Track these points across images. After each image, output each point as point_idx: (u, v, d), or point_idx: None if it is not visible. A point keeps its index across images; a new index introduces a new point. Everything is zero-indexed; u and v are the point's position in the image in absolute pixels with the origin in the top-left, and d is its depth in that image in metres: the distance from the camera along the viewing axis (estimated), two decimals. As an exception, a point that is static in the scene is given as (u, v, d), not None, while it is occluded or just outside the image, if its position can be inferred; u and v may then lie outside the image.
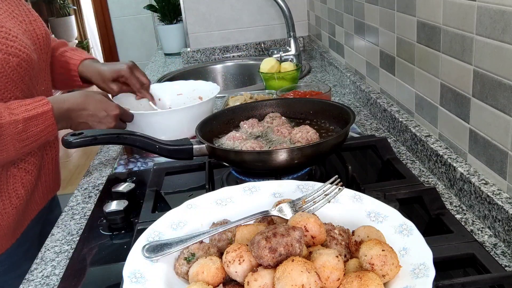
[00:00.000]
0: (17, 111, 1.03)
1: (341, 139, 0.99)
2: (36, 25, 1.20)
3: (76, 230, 1.01)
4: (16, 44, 1.06)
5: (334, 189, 0.79)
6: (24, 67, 1.08)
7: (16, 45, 1.06)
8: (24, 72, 1.09)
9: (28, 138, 1.05)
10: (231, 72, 2.32)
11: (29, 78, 1.12)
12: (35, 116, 1.05)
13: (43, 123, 1.07)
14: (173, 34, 2.63)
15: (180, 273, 0.68)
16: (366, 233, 0.67)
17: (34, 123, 1.05)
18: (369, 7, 1.42)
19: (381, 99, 1.36)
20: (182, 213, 0.79)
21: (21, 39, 1.09)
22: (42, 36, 1.20)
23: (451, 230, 0.80)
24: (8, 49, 1.04)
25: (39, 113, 1.06)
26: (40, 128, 1.07)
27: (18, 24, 1.14)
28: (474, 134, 0.91)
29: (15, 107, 1.04)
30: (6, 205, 1.13)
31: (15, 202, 1.15)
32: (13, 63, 1.05)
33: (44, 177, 1.26)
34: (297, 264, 0.57)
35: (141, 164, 1.28)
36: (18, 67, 1.06)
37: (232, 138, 1.07)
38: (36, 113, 1.05)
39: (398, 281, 0.61)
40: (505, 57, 0.78)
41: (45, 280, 0.86)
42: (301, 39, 2.44)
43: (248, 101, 1.46)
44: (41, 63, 1.21)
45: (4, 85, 1.05)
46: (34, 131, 1.06)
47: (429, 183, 1.02)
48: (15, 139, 1.03)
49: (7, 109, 1.02)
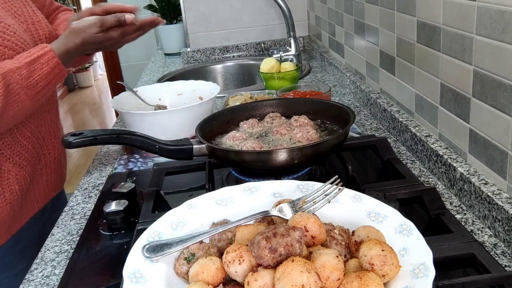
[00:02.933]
0: (18, 59, 1.04)
1: (341, 139, 0.99)
2: (39, 26, 1.20)
3: (76, 230, 1.01)
4: (13, 39, 1.07)
5: (334, 189, 0.79)
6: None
7: (13, 40, 1.07)
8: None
9: (37, 82, 1.06)
10: (231, 72, 2.32)
11: None
12: (36, 58, 1.06)
13: (48, 64, 1.07)
14: (173, 34, 2.63)
15: (180, 273, 0.68)
16: (366, 233, 0.67)
17: (38, 66, 1.06)
18: (369, 7, 1.42)
19: (381, 99, 1.36)
20: (182, 213, 0.79)
21: (19, 35, 1.09)
22: (45, 37, 1.20)
23: (451, 230, 0.80)
24: (4, 42, 1.05)
25: (39, 55, 1.06)
26: (46, 70, 1.07)
27: (20, 23, 1.14)
28: (474, 134, 0.91)
29: (17, 58, 1.05)
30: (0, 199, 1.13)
31: (9, 197, 1.15)
32: (8, 55, 1.06)
33: (45, 175, 1.26)
34: (297, 264, 0.57)
35: (141, 164, 1.28)
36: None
37: (232, 138, 1.07)
38: (37, 56, 1.06)
39: (398, 281, 0.61)
40: (505, 57, 0.78)
41: (45, 280, 0.86)
42: (301, 39, 2.44)
43: (248, 101, 1.46)
44: None
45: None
46: (41, 74, 1.06)
47: (429, 183, 1.02)
48: (24, 85, 1.03)
49: (9, 61, 1.03)
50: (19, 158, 1.16)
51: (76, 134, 0.97)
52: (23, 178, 1.18)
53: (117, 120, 1.73)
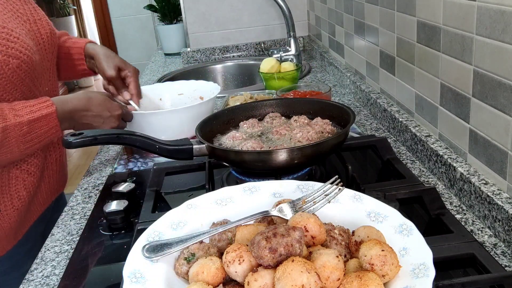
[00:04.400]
0: (22, 113, 1.04)
1: (341, 139, 0.99)
2: (40, 24, 1.19)
3: (76, 230, 1.01)
4: (17, 46, 1.06)
5: (334, 189, 0.79)
6: (24, 69, 1.08)
7: (17, 47, 1.06)
8: (24, 74, 1.09)
9: (32, 139, 1.06)
10: (231, 72, 2.32)
11: (30, 79, 1.12)
12: (39, 118, 1.06)
13: (47, 124, 1.07)
14: (173, 34, 2.63)
15: (180, 273, 0.68)
16: (366, 233, 0.67)
17: (38, 125, 1.06)
18: (369, 7, 1.42)
19: (381, 99, 1.36)
20: (182, 213, 0.79)
21: (23, 40, 1.09)
22: (46, 35, 1.20)
23: (451, 230, 0.80)
24: (8, 50, 1.04)
25: (43, 115, 1.06)
26: (45, 129, 1.07)
27: (22, 24, 1.14)
28: (474, 134, 0.91)
29: (20, 108, 1.04)
30: (8, 207, 1.13)
31: (17, 204, 1.15)
32: (13, 65, 1.05)
33: (47, 178, 1.26)
34: (297, 264, 0.57)
35: (141, 164, 1.28)
36: (18, 69, 1.06)
37: (232, 138, 1.07)
38: (40, 115, 1.06)
39: (398, 281, 0.61)
40: (505, 57, 0.78)
41: (45, 280, 0.86)
42: (301, 39, 2.44)
43: (248, 101, 1.46)
44: (45, 63, 1.20)
45: (3, 87, 1.05)
46: (38, 132, 1.06)
47: (429, 183, 1.02)
48: (20, 141, 1.04)
49: (12, 110, 1.03)
50: (28, 165, 1.16)
51: (76, 134, 0.97)
52: (31, 184, 1.18)
53: (117, 120, 1.73)
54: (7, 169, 1.12)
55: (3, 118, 1.00)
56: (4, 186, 1.12)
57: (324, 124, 1.07)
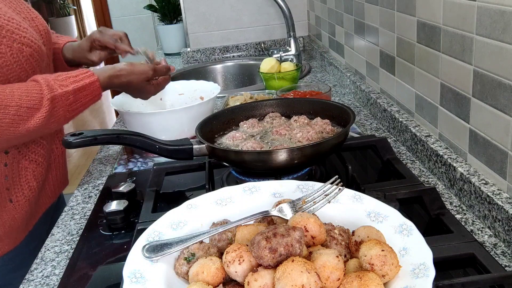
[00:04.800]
0: (66, 83, 1.06)
1: (341, 139, 0.99)
2: (38, 22, 1.21)
3: (76, 230, 1.01)
4: (28, 35, 1.08)
5: (334, 189, 0.79)
6: (36, 57, 1.10)
7: (28, 36, 1.08)
8: (36, 63, 1.11)
9: (77, 108, 1.09)
10: (231, 72, 2.32)
11: (40, 70, 1.14)
12: (83, 87, 1.08)
13: (92, 93, 1.10)
14: (173, 34, 2.63)
15: (180, 273, 0.68)
16: (366, 233, 0.67)
17: (83, 93, 1.09)
18: (369, 7, 1.42)
19: (381, 99, 1.36)
20: (182, 213, 0.79)
21: (30, 33, 1.10)
22: (44, 32, 1.21)
23: (451, 230, 0.80)
24: (21, 39, 1.06)
25: (87, 83, 1.09)
26: (89, 98, 1.10)
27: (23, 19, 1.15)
28: (474, 134, 0.91)
29: (63, 79, 1.07)
30: (19, 197, 1.15)
31: (28, 194, 1.16)
32: (26, 52, 1.07)
33: (54, 170, 1.27)
34: (297, 264, 0.57)
35: (141, 164, 1.28)
36: (30, 57, 1.08)
37: (232, 138, 1.07)
38: (84, 84, 1.09)
39: (398, 281, 0.61)
40: (505, 57, 0.78)
41: (45, 280, 0.86)
42: (301, 39, 2.44)
43: (248, 101, 1.46)
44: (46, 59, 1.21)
45: (17, 74, 1.06)
46: (83, 101, 1.09)
47: (429, 183, 1.02)
48: (67, 109, 1.06)
49: (56, 81, 1.05)
50: (35, 155, 1.18)
51: (76, 134, 0.97)
52: (40, 174, 1.20)
53: (117, 120, 1.73)
54: (17, 160, 1.13)
55: (50, 89, 1.02)
56: (15, 177, 1.13)
57: (324, 124, 1.07)
